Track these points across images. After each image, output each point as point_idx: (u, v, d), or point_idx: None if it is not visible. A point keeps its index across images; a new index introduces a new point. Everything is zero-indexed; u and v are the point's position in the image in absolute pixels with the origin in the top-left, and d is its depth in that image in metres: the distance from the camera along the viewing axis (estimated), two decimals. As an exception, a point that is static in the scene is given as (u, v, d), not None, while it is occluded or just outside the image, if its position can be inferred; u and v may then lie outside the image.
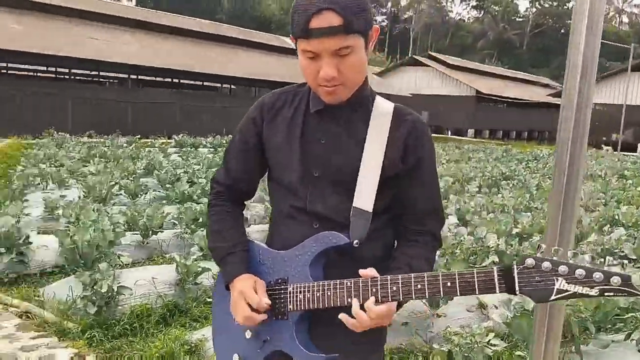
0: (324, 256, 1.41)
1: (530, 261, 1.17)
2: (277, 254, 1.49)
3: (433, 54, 45.00)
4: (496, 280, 1.21)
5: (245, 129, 1.57)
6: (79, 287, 4.16)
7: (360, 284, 1.32)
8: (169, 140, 17.72)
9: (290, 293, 1.41)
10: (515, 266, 1.18)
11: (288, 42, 31.70)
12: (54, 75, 25.49)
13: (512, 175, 12.49)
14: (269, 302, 1.41)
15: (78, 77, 25.95)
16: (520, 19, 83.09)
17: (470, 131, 37.12)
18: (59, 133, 15.45)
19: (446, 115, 37.13)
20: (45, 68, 25.09)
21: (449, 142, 26.30)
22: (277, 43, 29.57)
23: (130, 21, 23.52)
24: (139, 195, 7.83)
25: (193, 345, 3.49)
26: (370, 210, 1.41)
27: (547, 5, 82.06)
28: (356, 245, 1.38)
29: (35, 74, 27.02)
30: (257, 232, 5.87)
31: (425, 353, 3.50)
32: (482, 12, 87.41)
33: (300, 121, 1.49)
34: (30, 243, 5.05)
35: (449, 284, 1.24)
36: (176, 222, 6.06)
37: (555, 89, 45.70)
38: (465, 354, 2.70)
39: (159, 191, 8.50)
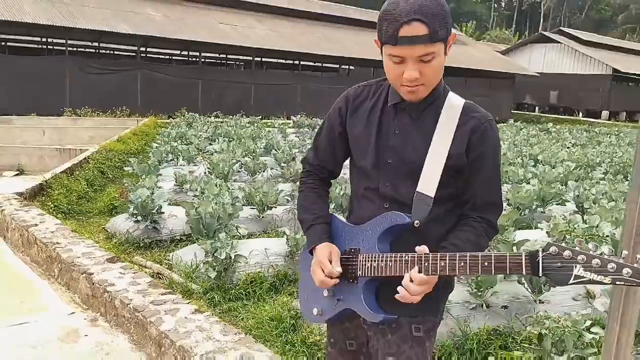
0: (391, 233, 1.63)
1: (553, 249, 1.32)
2: (353, 228, 1.73)
3: (564, 29, 42.04)
4: (524, 263, 1.37)
5: (332, 117, 1.79)
6: (202, 254, 4.63)
7: (416, 258, 1.52)
8: (288, 121, 18.38)
9: (360, 261, 1.64)
10: (540, 252, 1.34)
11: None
12: (186, 59, 27.27)
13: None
14: (340, 270, 1.65)
15: (208, 61, 27.57)
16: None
17: (605, 113, 34.35)
18: (190, 113, 16.57)
19: (578, 95, 34.66)
20: (178, 52, 26.88)
21: (576, 125, 24.66)
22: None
23: (254, 5, 24.46)
24: (258, 173, 8.34)
25: (298, 311, 3.78)
26: (432, 196, 1.59)
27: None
28: (416, 225, 1.58)
29: (170, 57, 29.10)
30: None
31: (521, 336, 3.52)
32: (624, -18, 79.84)
33: (379, 113, 1.69)
34: (163, 213, 5.63)
35: (486, 263, 1.43)
36: (289, 198, 6.43)
37: None
38: (556, 338, 2.72)
39: (276, 169, 8.98)
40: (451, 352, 3.36)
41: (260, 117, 18.21)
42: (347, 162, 1.88)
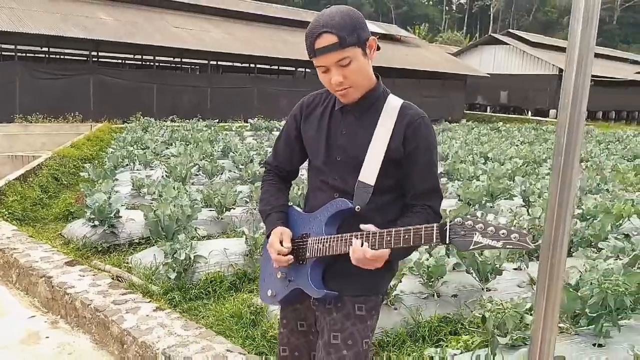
0: (337, 218, 1.83)
1: (458, 219, 1.54)
2: (305, 215, 1.94)
3: (513, 31, 43.34)
4: (434, 233, 1.58)
5: (289, 123, 2.02)
6: (161, 256, 4.68)
7: (354, 236, 1.73)
8: (245, 124, 18.40)
9: (309, 244, 1.84)
10: (448, 223, 1.56)
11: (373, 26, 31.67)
12: (140, 63, 26.91)
13: (588, 157, 12.14)
14: (290, 246, 1.85)
15: (162, 65, 27.28)
16: (611, -8, 77.96)
17: (553, 111, 35.57)
18: (145, 117, 16.40)
19: (526, 95, 35.80)
20: (132, 56, 26.50)
21: (525, 124, 25.50)
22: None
23: (209, 9, 24.36)
24: (216, 176, 8.39)
25: (258, 307, 3.90)
26: (372, 184, 1.79)
27: (640, -24, 76.49)
28: (357, 210, 1.78)
29: (123, 61, 28.64)
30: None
31: (470, 323, 3.74)
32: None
33: (328, 117, 1.91)
34: (120, 217, 5.64)
35: (406, 236, 1.64)
36: (247, 200, 6.54)
37: (647, 65, 42.86)
38: (499, 320, 2.92)
39: (234, 172, 9.05)
40: (404, 339, 3.54)
41: (218, 120, 18.16)
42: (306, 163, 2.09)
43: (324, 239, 1.81)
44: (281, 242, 1.86)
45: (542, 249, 2.03)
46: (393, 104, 1.86)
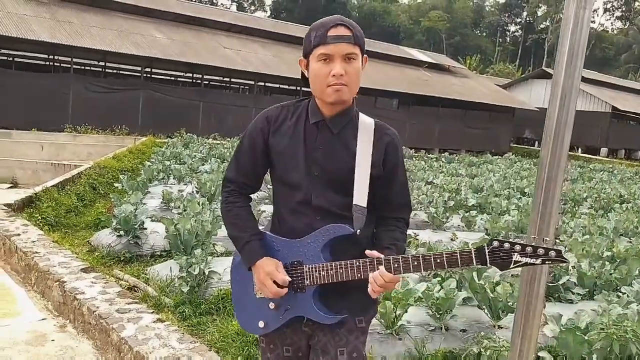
0: (332, 242, 1.82)
1: (496, 243, 1.62)
2: (291, 242, 1.85)
3: (566, 66, 42.45)
4: (473, 256, 1.65)
5: (253, 136, 1.93)
6: (177, 269, 4.76)
7: (368, 263, 1.74)
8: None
9: (306, 272, 1.82)
10: (486, 247, 1.63)
11: (412, 53, 31.75)
12: (190, 81, 27.69)
13: (630, 199, 11.72)
14: (289, 279, 1.82)
15: (211, 83, 28.00)
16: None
17: (604, 150, 34.56)
18: (188, 134, 16.81)
19: (578, 131, 34.62)
20: (182, 74, 27.31)
21: (572, 160, 24.83)
22: (399, 54, 29.77)
23: (259, 31, 24.96)
24: (245, 194, 8.50)
25: (263, 328, 3.90)
26: (365, 206, 1.82)
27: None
28: (358, 234, 1.80)
29: (176, 79, 29.54)
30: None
31: (473, 357, 3.65)
32: (627, 23, 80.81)
33: (302, 130, 1.87)
34: (145, 228, 5.78)
35: (438, 260, 1.68)
36: (270, 219, 6.59)
37: None
38: (494, 357, 2.85)
39: (262, 190, 9.15)
40: (405, 371, 3.48)
41: (259, 140, 18.41)
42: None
43: (327, 266, 1.79)
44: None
45: (520, 285, 2.00)
46: (366, 121, 1.89)
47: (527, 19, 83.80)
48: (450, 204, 8.68)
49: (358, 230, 1.80)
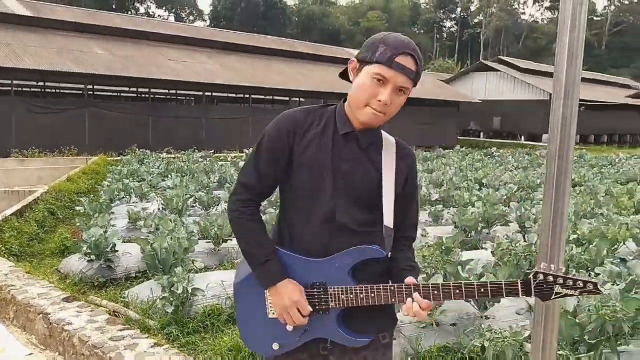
0: (359, 264, 1.76)
1: (541, 277, 1.68)
2: (311, 262, 1.75)
3: (503, 57, 43.97)
4: (520, 288, 1.68)
5: (276, 140, 1.75)
6: (158, 289, 4.66)
7: (404, 288, 1.70)
8: (240, 154, 18.48)
9: (331, 294, 1.73)
10: (532, 279, 1.67)
11: (352, 53, 32.05)
12: (135, 95, 27.11)
13: (581, 182, 12.23)
14: (311, 309, 1.74)
15: (157, 97, 27.49)
16: (598, 18, 79.31)
17: (545, 136, 35.85)
18: (141, 150, 16.46)
19: (519, 120, 36.14)
20: (127, 89, 26.72)
21: (519, 149, 25.68)
22: (344, 55, 30.05)
23: (203, 41, 24.70)
24: (212, 207, 8.40)
25: (257, 340, 3.86)
26: (392, 227, 1.80)
27: (626, 2, 77.97)
28: (389, 256, 1.81)
29: (118, 94, 28.86)
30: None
31: (470, 352, 3.73)
32: (557, 13, 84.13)
33: (330, 140, 1.75)
34: (117, 251, 5.63)
35: (482, 289, 1.68)
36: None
37: (637, 89, 43.43)
38: (498, 349, 2.92)
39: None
40: (404, 370, 3.52)
41: (213, 151, 18.24)
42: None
43: (356, 289, 1.72)
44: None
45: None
46: (389, 139, 1.87)
47: (462, 14, 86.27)
48: (416, 201, 8.82)
49: (389, 254, 1.79)
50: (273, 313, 1.77)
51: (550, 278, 1.66)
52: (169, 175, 11.38)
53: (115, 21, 23.32)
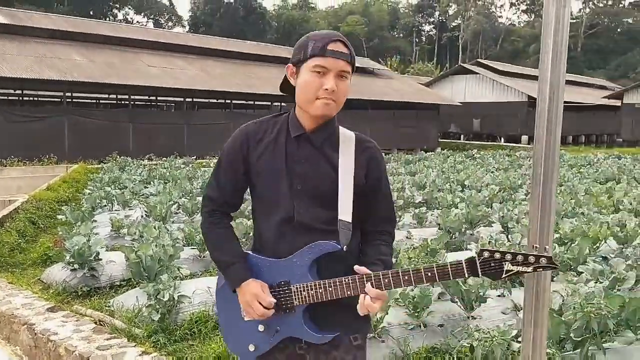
0: (318, 259, 1.79)
1: (486, 253, 1.60)
2: (275, 262, 1.82)
3: (482, 61, 44.47)
4: (465, 268, 1.64)
5: (232, 153, 1.89)
6: (144, 297, 4.62)
7: (357, 280, 1.72)
8: (223, 160, 18.37)
9: (294, 292, 1.79)
10: (477, 258, 1.62)
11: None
12: (115, 102, 26.86)
13: (561, 182, 12.39)
14: (274, 300, 1.78)
15: (137, 103, 27.26)
16: (573, 20, 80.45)
17: (525, 137, 36.33)
18: (122, 157, 16.30)
19: (498, 122, 36.57)
20: (106, 96, 26.47)
21: (499, 150, 25.95)
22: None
23: (183, 47, 24.57)
24: (196, 213, 8.34)
25: (245, 346, 3.85)
26: (350, 221, 1.80)
27: (601, 5, 79.37)
28: (345, 250, 1.78)
29: (98, 101, 28.56)
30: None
31: (458, 352, 3.75)
32: (533, 16, 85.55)
33: (283, 145, 1.84)
34: (100, 259, 5.56)
35: (429, 274, 1.66)
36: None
37: (613, 90, 44.19)
38: (486, 349, 2.95)
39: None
40: (393, 372, 3.53)
41: (195, 157, 18.13)
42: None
43: (315, 285, 1.76)
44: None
45: (526, 277, 2.08)
46: (347, 135, 1.88)
47: (440, 18, 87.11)
48: (400, 203, 8.87)
49: (345, 247, 1.77)
50: (247, 315, 1.84)
51: (498, 255, 1.60)
52: (152, 182, 11.30)
53: (94, 28, 23.08)
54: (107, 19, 63.32)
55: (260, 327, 1.84)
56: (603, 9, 78.65)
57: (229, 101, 24.98)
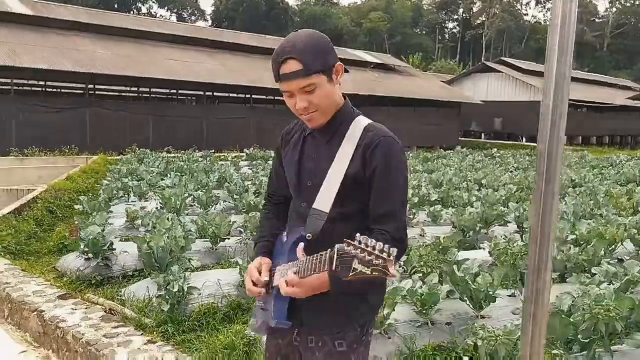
0: (293, 246, 1.76)
1: (343, 245, 1.39)
2: (283, 244, 1.91)
3: (506, 59, 43.92)
4: (326, 260, 1.49)
5: (276, 150, 2.10)
6: (154, 288, 4.66)
7: (290, 266, 1.73)
8: (241, 154, 18.48)
9: (274, 273, 1.84)
10: (336, 251, 1.41)
11: (358, 54, 32.09)
12: (136, 94, 27.13)
13: (581, 183, 12.21)
14: (267, 278, 1.83)
15: (158, 96, 27.49)
16: (600, 20, 79.26)
17: (547, 137, 35.87)
18: (141, 149, 16.46)
19: (520, 121, 36.10)
20: (127, 88, 26.74)
21: (520, 150, 25.65)
22: (346, 56, 30.05)
23: (204, 41, 24.70)
24: (210, 206, 8.40)
25: (252, 339, 3.87)
26: (327, 211, 1.76)
27: (628, 4, 77.83)
28: (309, 238, 1.73)
29: (119, 94, 28.87)
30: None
31: (465, 351, 3.73)
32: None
33: (301, 142, 1.93)
34: (114, 249, 5.63)
35: (318, 262, 1.55)
36: (242, 230, 6.53)
37: (638, 91, 43.35)
38: (491, 347, 2.92)
39: (229, 202, 9.06)
40: (398, 369, 3.52)
41: (213, 150, 18.24)
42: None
43: (286, 266, 1.78)
44: (260, 273, 1.85)
45: (527, 275, 2.05)
46: (359, 125, 1.81)
47: (464, 15, 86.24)
48: (415, 200, 8.82)
49: (309, 235, 1.73)
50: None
51: (352, 251, 1.35)
52: (168, 175, 11.39)
53: (116, 20, 23.31)
54: (131, 12, 63.95)
55: (260, 304, 1.93)
56: (630, 8, 77.13)
57: (249, 96, 25.05)
